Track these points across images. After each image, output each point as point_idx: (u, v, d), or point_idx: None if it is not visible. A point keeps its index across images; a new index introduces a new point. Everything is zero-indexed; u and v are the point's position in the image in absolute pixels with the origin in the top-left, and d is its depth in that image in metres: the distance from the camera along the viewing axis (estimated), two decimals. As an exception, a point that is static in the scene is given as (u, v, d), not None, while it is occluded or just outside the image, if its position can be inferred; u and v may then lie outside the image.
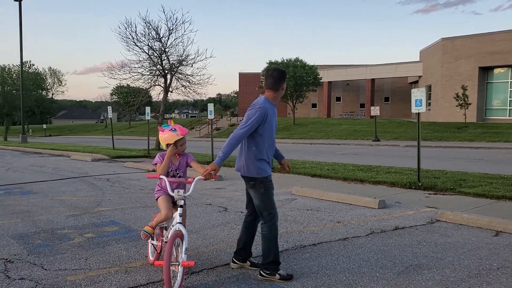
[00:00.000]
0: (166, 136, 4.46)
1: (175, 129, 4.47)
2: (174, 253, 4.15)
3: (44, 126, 69.84)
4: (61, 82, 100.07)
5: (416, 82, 48.08)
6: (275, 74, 4.48)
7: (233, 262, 4.68)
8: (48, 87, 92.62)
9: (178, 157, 4.59)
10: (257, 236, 5.74)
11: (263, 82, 4.87)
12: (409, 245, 5.54)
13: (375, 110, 27.75)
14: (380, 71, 49.29)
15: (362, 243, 5.62)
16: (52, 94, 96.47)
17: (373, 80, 50.58)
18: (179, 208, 4.23)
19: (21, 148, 26.53)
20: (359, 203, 8.09)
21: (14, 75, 62.48)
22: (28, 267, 4.68)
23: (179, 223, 4.16)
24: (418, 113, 10.04)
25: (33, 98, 72.24)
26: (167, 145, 4.48)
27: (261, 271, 4.37)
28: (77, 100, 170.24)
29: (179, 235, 4.09)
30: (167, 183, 4.33)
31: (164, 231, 4.59)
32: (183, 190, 4.29)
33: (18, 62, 36.90)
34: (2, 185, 10.85)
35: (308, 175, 12.00)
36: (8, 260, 4.93)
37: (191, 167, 4.65)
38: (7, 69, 66.31)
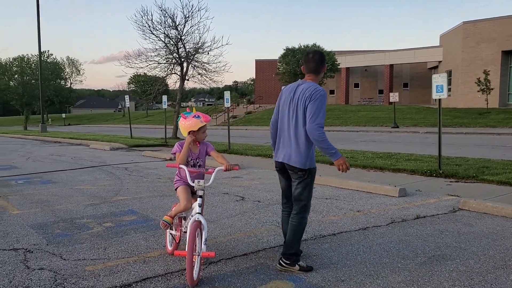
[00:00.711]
0: (189, 123, 4.33)
1: (198, 115, 4.37)
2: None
3: (63, 115, 70.76)
4: (79, 71, 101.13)
5: (435, 67, 47.24)
6: (317, 57, 4.34)
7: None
8: (67, 76, 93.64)
9: (198, 145, 4.52)
10: (272, 225, 5.68)
11: (279, 69, 4.81)
12: (431, 235, 5.41)
13: (394, 96, 27.36)
14: (399, 56, 48.51)
15: (382, 233, 5.51)
16: (71, 84, 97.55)
17: (391, 65, 49.84)
18: (198, 199, 4.17)
19: (40, 138, 26.89)
20: (379, 192, 7.96)
21: (33, 65, 63.17)
22: (47, 257, 4.70)
23: (198, 213, 4.11)
24: (439, 99, 9.82)
25: (51, 88, 73.09)
26: (189, 132, 4.39)
27: (281, 261, 4.28)
28: (95, 89, 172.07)
29: (199, 225, 4.04)
30: (187, 173, 4.27)
31: (183, 221, 4.56)
32: (203, 180, 4.23)
33: (36, 52, 37.23)
34: (23, 175, 10.98)
35: (326, 163, 11.85)
36: (27, 250, 4.96)
37: (210, 156, 4.59)
38: (26, 59, 67.12)
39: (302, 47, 44.19)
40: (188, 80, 22.85)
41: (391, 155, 12.94)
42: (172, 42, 22.23)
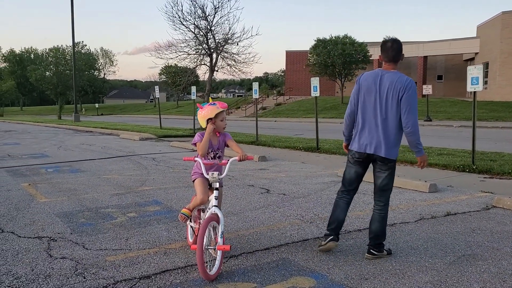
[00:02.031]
0: (205, 111, 4.28)
1: (214, 103, 4.32)
2: (212, 236, 4.04)
3: (97, 105, 72.20)
4: (112, 62, 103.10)
5: (472, 59, 45.84)
6: (396, 45, 4.26)
7: (334, 240, 4.46)
8: (100, 67, 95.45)
9: (218, 135, 4.44)
10: (296, 219, 5.57)
11: (310, 60, 4.83)
12: (461, 233, 5.18)
13: (427, 89, 26.66)
14: (433, 48, 47.25)
15: (410, 230, 5.32)
16: (104, 74, 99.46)
17: (425, 57, 48.62)
18: (214, 191, 4.10)
19: (73, 127, 27.47)
20: (409, 187, 7.72)
21: (68, 55, 64.57)
22: (70, 246, 4.72)
23: (214, 206, 4.04)
24: (474, 91, 9.44)
25: (85, 78, 74.66)
26: (208, 121, 4.32)
27: (372, 250, 4.36)
28: (128, 80, 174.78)
29: (214, 218, 3.96)
30: (202, 165, 4.20)
31: (202, 213, 4.49)
32: (218, 172, 4.15)
33: (71, 43, 37.99)
34: (53, 163, 11.19)
35: (354, 156, 11.62)
36: (51, 238, 5.00)
37: (228, 146, 4.49)
38: (61, 49, 68.66)
39: (334, 38, 43.52)
40: (217, 71, 22.85)
41: (423, 149, 12.57)
42: (201, 33, 22.25)
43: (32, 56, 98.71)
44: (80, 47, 79.24)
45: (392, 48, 4.23)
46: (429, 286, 3.72)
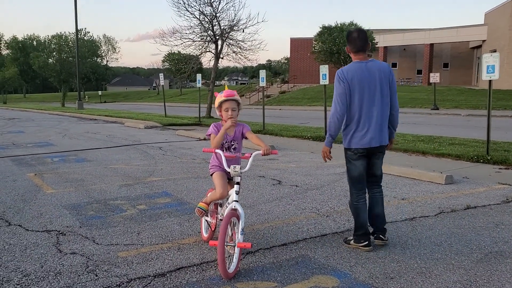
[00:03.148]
0: (216, 100, 4.20)
1: (222, 92, 4.18)
2: (230, 233, 3.86)
3: (100, 92, 71.98)
4: (115, 49, 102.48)
5: (479, 47, 45.30)
6: (362, 35, 4.33)
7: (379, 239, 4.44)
8: (103, 54, 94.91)
9: (233, 127, 4.24)
10: (312, 213, 5.39)
11: (315, 48, 4.85)
12: (485, 228, 4.99)
13: (434, 77, 26.30)
14: (440, 35, 46.67)
15: (431, 224, 5.12)
16: (107, 61, 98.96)
17: (432, 45, 48.06)
18: (235, 185, 3.90)
19: (77, 115, 27.28)
20: (424, 178, 7.51)
21: (71, 42, 64.11)
22: (79, 241, 4.55)
23: (235, 201, 3.84)
24: (490, 80, 9.18)
25: (88, 65, 74.21)
26: (219, 110, 4.18)
27: (381, 236, 4.39)
28: (131, 67, 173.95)
29: (235, 214, 3.78)
30: (223, 158, 4.00)
31: (219, 208, 4.30)
32: (239, 165, 3.94)
33: (74, 30, 37.54)
34: (58, 152, 11.02)
35: (365, 145, 11.41)
36: (60, 232, 4.83)
37: (246, 138, 4.28)
38: (64, 36, 68.11)
39: (339, 25, 43.02)
40: (222, 58, 22.54)
41: (433, 138, 12.37)
42: (206, 20, 21.90)
43: (35, 43, 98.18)
44: (83, 34, 78.69)
45: (360, 38, 4.24)
46: (458, 286, 3.53)
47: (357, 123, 4.21)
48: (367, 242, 4.27)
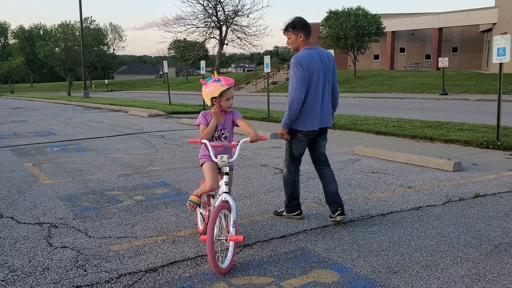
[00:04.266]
0: (209, 89, 3.84)
1: (219, 79, 3.85)
2: (224, 225, 3.67)
3: (106, 81, 71.85)
4: (121, 37, 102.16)
5: (489, 30, 44.46)
6: (307, 22, 4.60)
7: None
8: (109, 42, 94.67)
9: (223, 114, 4.01)
10: (314, 202, 5.20)
11: (321, 33, 4.95)
12: (494, 218, 4.76)
13: (443, 62, 25.80)
14: (449, 19, 45.88)
15: (438, 214, 4.90)
16: (113, 50, 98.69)
17: (440, 29, 47.30)
18: (224, 176, 3.69)
19: (82, 103, 27.18)
20: (431, 165, 7.27)
21: (77, 31, 63.94)
22: (71, 234, 4.39)
23: (225, 192, 3.65)
24: (501, 63, 8.87)
25: (94, 54, 74.08)
26: (212, 100, 3.90)
27: (343, 212, 4.55)
28: (137, 55, 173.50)
29: (225, 206, 3.58)
30: (209, 148, 3.79)
31: (212, 199, 4.10)
32: (227, 155, 3.73)
33: (79, 19, 37.25)
34: (59, 141, 10.88)
35: (371, 132, 11.17)
36: (52, 224, 4.67)
37: (237, 126, 4.06)
38: (70, 25, 68.01)
39: (346, 9, 42.31)
40: (227, 44, 22.32)
41: (441, 124, 12.08)
42: (210, 5, 21.61)
43: (41, 32, 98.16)
44: (88, 22, 78.46)
45: (308, 24, 4.52)
46: (466, 280, 3.33)
47: (310, 106, 4.41)
48: (299, 211, 4.73)
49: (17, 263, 3.72)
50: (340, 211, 4.52)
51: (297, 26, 4.47)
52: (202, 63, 19.63)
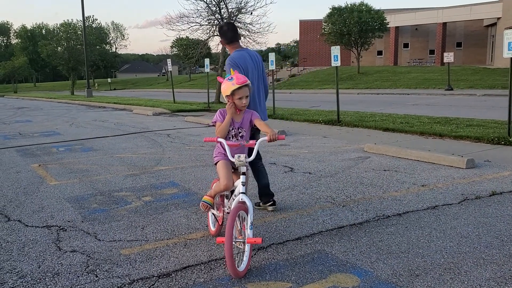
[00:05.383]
0: (223, 87, 3.81)
1: (231, 77, 3.77)
2: (239, 227, 3.56)
3: (109, 80, 71.81)
4: (123, 36, 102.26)
5: (493, 24, 44.15)
6: (231, 26, 4.88)
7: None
8: (111, 41, 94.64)
9: (238, 112, 3.90)
10: (327, 202, 5.09)
11: (324, 29, 4.97)
12: (514, 217, 4.63)
13: (448, 56, 25.57)
14: (452, 13, 45.56)
15: (455, 213, 4.77)
16: (116, 48, 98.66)
17: (444, 24, 46.99)
18: (241, 176, 3.58)
19: (86, 102, 27.10)
20: (443, 162, 7.14)
21: (79, 30, 63.83)
22: (81, 237, 4.28)
23: (242, 193, 3.53)
24: (511, 58, 8.70)
25: (96, 53, 73.98)
26: (227, 97, 3.81)
27: (275, 203, 4.92)
28: (140, 54, 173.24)
29: (242, 207, 3.47)
30: (226, 147, 3.68)
31: (225, 200, 3.98)
32: (244, 155, 3.62)
33: (81, 17, 37.05)
34: (64, 141, 10.78)
35: (379, 129, 11.03)
36: (61, 227, 4.57)
37: (255, 126, 3.96)
38: (72, 24, 67.93)
39: (349, 5, 42.09)
40: (230, 42, 22.10)
41: (450, 120, 11.92)
42: (214, 2, 21.43)
43: (44, 31, 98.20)
44: (90, 21, 78.43)
45: (230, 30, 4.78)
46: (492, 284, 3.20)
47: (251, 102, 4.52)
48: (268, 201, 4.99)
49: (26, 268, 3.62)
50: (272, 202, 4.90)
51: (219, 32, 4.87)
52: (207, 61, 19.52)
